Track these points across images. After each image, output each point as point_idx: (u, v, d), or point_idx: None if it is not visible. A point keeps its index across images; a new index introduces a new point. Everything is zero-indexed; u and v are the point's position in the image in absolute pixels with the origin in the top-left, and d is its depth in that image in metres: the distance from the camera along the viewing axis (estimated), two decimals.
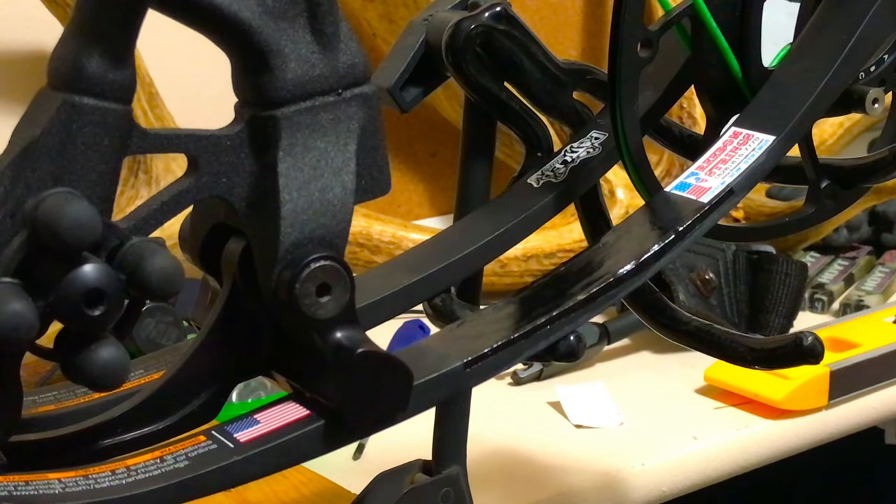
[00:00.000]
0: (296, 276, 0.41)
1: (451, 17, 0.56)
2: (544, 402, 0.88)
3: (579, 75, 0.59)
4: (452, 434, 0.60)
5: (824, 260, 1.15)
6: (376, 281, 0.54)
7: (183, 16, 0.42)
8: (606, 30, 0.55)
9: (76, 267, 0.38)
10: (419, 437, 0.59)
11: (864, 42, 0.56)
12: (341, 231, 0.43)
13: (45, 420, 0.45)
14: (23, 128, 0.40)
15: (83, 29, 0.40)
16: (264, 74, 0.42)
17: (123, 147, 0.40)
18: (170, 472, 0.40)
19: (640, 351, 0.96)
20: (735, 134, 0.55)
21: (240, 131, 0.43)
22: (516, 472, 0.79)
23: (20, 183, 0.39)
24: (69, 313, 0.38)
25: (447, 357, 0.46)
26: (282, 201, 0.42)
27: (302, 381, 0.44)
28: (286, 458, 0.42)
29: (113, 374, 0.39)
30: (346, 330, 0.42)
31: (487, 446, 0.80)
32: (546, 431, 0.84)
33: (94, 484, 0.39)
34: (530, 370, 0.92)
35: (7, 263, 0.38)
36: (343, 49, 0.43)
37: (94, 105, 0.40)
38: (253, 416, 0.43)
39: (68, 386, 0.47)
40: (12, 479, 0.38)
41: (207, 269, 0.46)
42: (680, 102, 0.94)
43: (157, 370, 0.48)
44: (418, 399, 0.44)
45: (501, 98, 0.57)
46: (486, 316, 0.49)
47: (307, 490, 0.76)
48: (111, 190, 0.40)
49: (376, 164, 0.44)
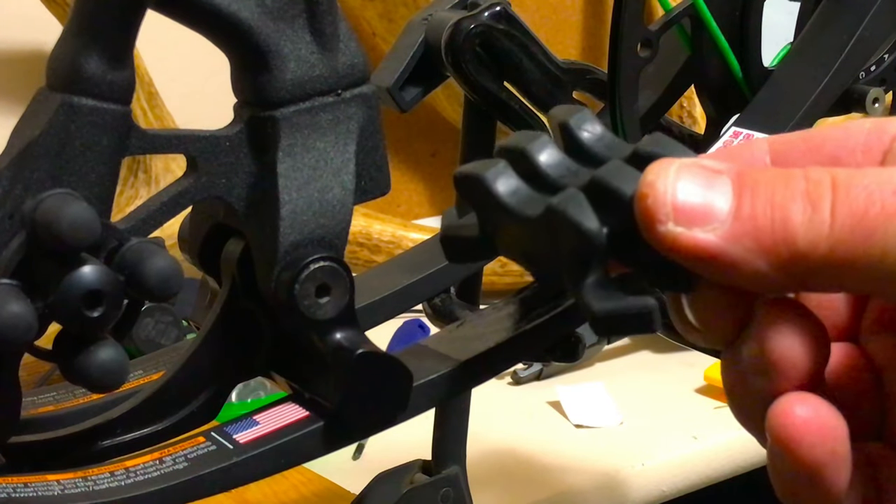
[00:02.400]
0: (295, 276, 0.41)
1: (450, 17, 0.56)
2: (544, 402, 0.88)
3: (579, 75, 0.59)
4: (452, 434, 0.60)
5: None
6: (376, 281, 0.54)
7: (182, 16, 0.41)
8: (606, 29, 0.55)
9: (75, 268, 0.38)
10: (419, 437, 0.59)
11: (864, 41, 0.56)
12: (341, 232, 0.43)
13: (44, 421, 0.45)
14: (21, 128, 0.40)
15: (82, 29, 0.40)
16: (263, 75, 0.42)
17: (122, 148, 0.40)
18: (169, 474, 0.40)
19: (639, 351, 0.96)
20: (735, 134, 0.55)
21: (239, 132, 0.43)
22: (516, 471, 0.79)
23: (19, 184, 0.39)
24: (68, 314, 0.38)
25: (447, 357, 0.45)
26: (281, 202, 0.42)
27: (301, 381, 0.44)
28: (286, 460, 0.42)
29: (112, 375, 0.39)
30: (346, 331, 0.42)
31: (487, 446, 0.80)
32: (546, 431, 0.84)
33: (94, 486, 0.39)
34: (530, 370, 0.92)
35: (5, 265, 0.38)
36: (342, 49, 0.43)
37: (92, 106, 0.39)
38: (252, 417, 0.43)
39: (67, 386, 0.47)
40: (11, 481, 0.38)
41: (206, 270, 0.46)
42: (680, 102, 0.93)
43: (156, 371, 0.48)
44: (418, 400, 0.44)
45: (501, 97, 0.57)
46: (486, 316, 0.49)
47: (307, 490, 0.76)
48: (110, 191, 0.40)
49: (376, 165, 0.44)
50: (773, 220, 0.31)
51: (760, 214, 0.31)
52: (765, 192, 0.31)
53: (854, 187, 0.30)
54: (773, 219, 0.31)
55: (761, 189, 0.31)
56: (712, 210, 0.31)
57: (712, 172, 0.32)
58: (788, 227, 0.31)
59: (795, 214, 0.31)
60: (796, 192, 0.31)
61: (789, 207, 0.31)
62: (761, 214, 0.31)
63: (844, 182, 0.31)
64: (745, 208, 0.31)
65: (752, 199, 0.31)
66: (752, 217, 0.31)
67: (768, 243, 0.31)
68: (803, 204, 0.31)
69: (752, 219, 0.31)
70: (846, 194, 0.30)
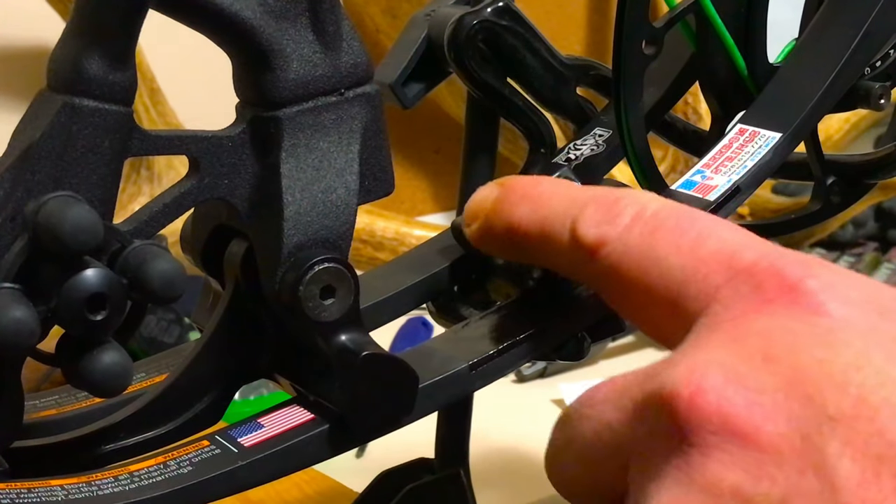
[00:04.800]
0: (299, 278, 0.41)
1: (453, 13, 0.56)
2: (548, 400, 0.88)
3: (583, 71, 0.59)
4: (455, 432, 0.60)
5: (830, 256, 1.15)
6: (379, 280, 0.53)
7: (183, 16, 0.41)
8: (611, 25, 0.55)
9: (78, 271, 0.37)
10: (421, 436, 0.59)
11: (870, 37, 0.56)
12: (345, 232, 0.43)
13: (46, 425, 0.45)
14: (22, 130, 0.40)
15: (83, 30, 0.40)
16: (266, 75, 0.42)
17: (124, 149, 0.40)
18: (173, 478, 0.40)
19: (644, 348, 0.96)
20: (741, 131, 0.55)
21: (241, 132, 0.42)
22: (519, 469, 0.79)
23: (20, 186, 0.38)
24: (71, 318, 0.38)
25: (452, 359, 0.45)
26: (284, 203, 0.42)
27: (306, 384, 0.44)
28: (291, 463, 0.42)
29: (115, 379, 0.38)
30: (351, 332, 0.42)
31: (490, 444, 0.80)
32: (549, 429, 0.84)
33: (98, 490, 0.39)
34: (534, 367, 0.91)
35: (7, 268, 0.38)
36: (345, 48, 0.43)
37: (94, 107, 0.39)
38: (257, 421, 0.43)
39: (70, 390, 0.46)
40: (15, 487, 0.38)
41: (209, 271, 0.46)
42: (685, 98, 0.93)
43: (160, 373, 0.48)
44: (423, 402, 0.44)
45: (504, 94, 0.57)
46: (491, 316, 0.49)
47: (309, 489, 0.76)
48: (112, 192, 0.40)
49: (380, 164, 0.44)
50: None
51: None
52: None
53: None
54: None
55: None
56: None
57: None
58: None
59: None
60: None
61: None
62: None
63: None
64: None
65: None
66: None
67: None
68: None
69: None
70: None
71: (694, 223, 0.37)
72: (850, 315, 0.32)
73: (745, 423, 0.30)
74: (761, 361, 0.31)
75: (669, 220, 0.38)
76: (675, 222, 0.37)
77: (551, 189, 0.44)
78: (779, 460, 0.29)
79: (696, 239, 0.36)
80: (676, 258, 0.36)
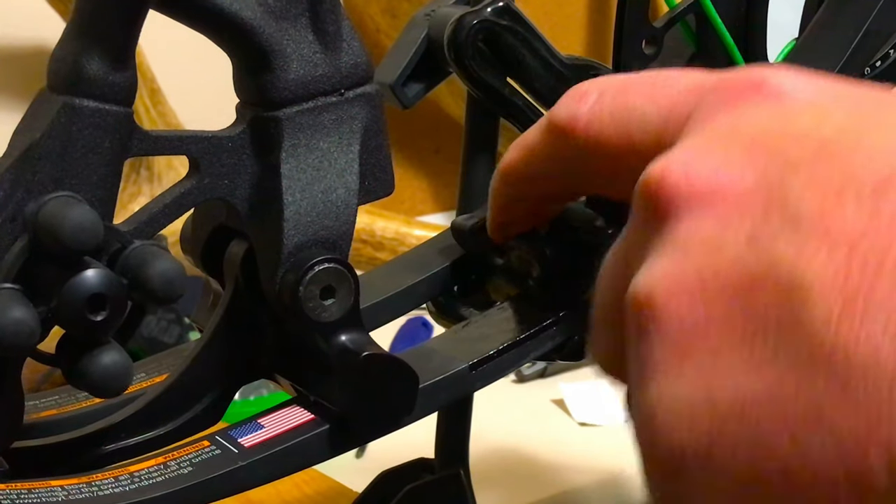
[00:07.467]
0: (299, 278, 0.41)
1: (453, 12, 0.56)
2: (548, 400, 0.88)
3: (583, 71, 0.59)
4: (455, 432, 0.60)
5: None
6: (379, 281, 0.53)
7: (184, 16, 0.41)
8: (611, 25, 0.55)
9: (78, 272, 0.37)
10: (421, 436, 0.59)
11: (870, 36, 0.56)
12: (345, 233, 0.43)
13: (47, 425, 0.45)
14: (22, 130, 0.40)
15: (83, 30, 0.40)
16: (266, 75, 0.42)
17: (124, 149, 0.40)
18: (174, 479, 0.40)
19: None
20: None
21: (241, 132, 0.42)
22: (519, 470, 0.79)
23: (20, 187, 0.38)
24: (71, 319, 0.38)
25: (453, 359, 0.45)
26: (285, 203, 0.42)
27: (306, 384, 0.44)
28: (291, 463, 0.42)
29: (116, 379, 0.38)
30: (351, 333, 0.42)
31: (490, 444, 0.80)
32: (549, 429, 0.84)
33: (98, 491, 0.39)
34: (534, 367, 0.91)
35: (8, 269, 0.38)
36: (346, 49, 0.43)
37: (94, 107, 0.39)
38: (257, 421, 0.43)
39: (70, 390, 0.46)
40: (15, 487, 0.38)
41: (209, 272, 0.46)
42: None
43: (160, 374, 0.48)
44: (424, 402, 0.44)
45: (504, 94, 0.57)
46: (491, 316, 0.49)
47: (309, 488, 0.76)
48: (112, 193, 0.40)
49: (380, 165, 0.44)
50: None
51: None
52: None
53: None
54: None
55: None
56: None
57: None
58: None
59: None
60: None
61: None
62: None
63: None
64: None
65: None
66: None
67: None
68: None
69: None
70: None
71: (660, 73, 0.39)
72: (813, 95, 0.34)
73: (712, 183, 0.32)
74: (727, 138, 0.33)
75: (637, 79, 0.39)
76: (642, 79, 0.39)
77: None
78: (744, 208, 0.31)
79: (666, 84, 0.37)
80: (652, 106, 0.37)
